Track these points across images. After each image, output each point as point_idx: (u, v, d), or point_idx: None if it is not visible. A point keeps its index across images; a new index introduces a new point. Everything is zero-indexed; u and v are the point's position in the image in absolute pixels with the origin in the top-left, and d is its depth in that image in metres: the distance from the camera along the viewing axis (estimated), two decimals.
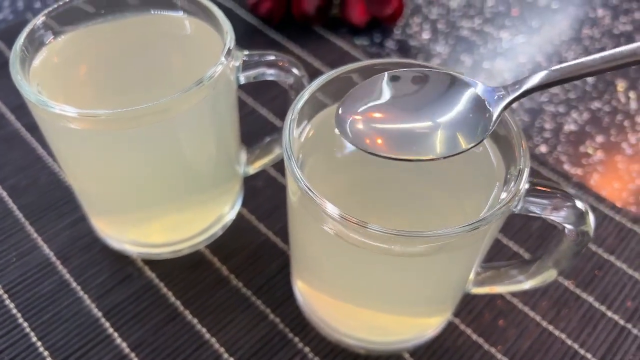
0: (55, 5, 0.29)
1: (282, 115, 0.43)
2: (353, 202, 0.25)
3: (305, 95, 0.26)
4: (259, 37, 0.49)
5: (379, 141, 0.23)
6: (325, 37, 0.50)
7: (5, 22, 0.50)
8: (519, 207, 0.24)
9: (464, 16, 0.53)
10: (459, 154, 0.23)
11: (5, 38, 0.48)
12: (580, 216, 0.24)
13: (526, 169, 0.24)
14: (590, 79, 0.48)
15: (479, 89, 0.24)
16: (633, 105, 0.46)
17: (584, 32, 0.52)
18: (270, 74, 0.30)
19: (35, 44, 0.28)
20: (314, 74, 0.47)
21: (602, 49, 0.51)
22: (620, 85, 0.48)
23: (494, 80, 0.47)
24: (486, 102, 0.24)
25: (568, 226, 0.25)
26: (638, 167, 0.42)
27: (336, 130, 0.23)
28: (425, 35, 0.51)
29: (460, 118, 0.23)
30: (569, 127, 0.44)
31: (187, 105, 0.27)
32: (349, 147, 0.27)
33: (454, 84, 0.24)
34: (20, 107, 0.43)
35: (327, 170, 0.27)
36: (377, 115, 0.24)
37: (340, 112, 0.23)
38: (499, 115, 0.23)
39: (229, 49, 0.28)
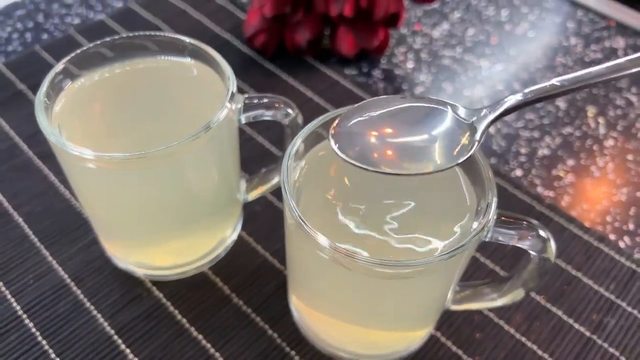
0: (73, 54, 0.32)
1: (277, 143, 0.47)
2: (342, 228, 0.28)
3: (300, 137, 0.29)
4: (254, 68, 0.53)
5: (371, 157, 0.26)
6: (316, 67, 0.53)
7: (14, 53, 0.53)
8: (489, 236, 0.28)
9: (446, 45, 0.57)
10: (445, 169, 0.26)
11: (15, 69, 0.51)
12: (543, 244, 0.28)
13: (493, 203, 0.27)
14: (562, 106, 0.52)
15: (461, 111, 0.27)
16: (602, 130, 0.50)
17: (558, 60, 0.56)
18: (267, 114, 0.33)
19: (55, 89, 0.31)
20: (306, 102, 0.51)
21: None
22: (591, 111, 0.51)
23: (474, 107, 0.51)
24: (471, 122, 0.27)
25: (532, 253, 0.28)
26: (605, 189, 0.45)
27: (333, 145, 0.26)
28: (410, 65, 0.55)
29: (446, 137, 0.26)
30: (543, 151, 0.48)
31: (194, 147, 0.30)
32: (340, 179, 0.30)
33: (438, 109, 0.27)
34: (32, 136, 0.46)
35: (320, 200, 0.30)
36: (368, 134, 0.27)
37: (334, 131, 0.26)
38: (483, 131, 0.26)
39: (232, 93, 0.31)
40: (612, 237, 0.42)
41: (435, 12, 0.61)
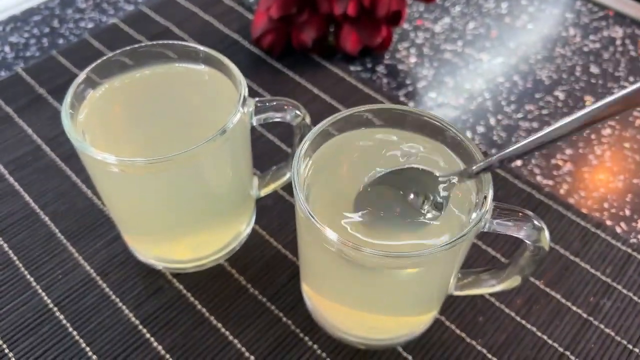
0: (94, 64, 0.35)
1: (286, 139, 0.49)
2: (349, 222, 0.30)
3: (308, 139, 0.31)
4: (263, 66, 0.55)
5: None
6: (322, 64, 0.55)
7: (32, 58, 0.56)
8: (487, 227, 0.30)
9: (447, 40, 0.59)
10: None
11: (35, 74, 0.54)
12: (537, 234, 0.30)
13: (489, 196, 0.29)
14: (561, 96, 0.53)
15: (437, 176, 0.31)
16: None
17: (557, 51, 0.58)
18: (277, 116, 0.35)
19: (78, 99, 0.34)
20: (313, 98, 0.53)
21: (573, 67, 0.56)
22: (589, 100, 0.53)
23: (474, 100, 0.53)
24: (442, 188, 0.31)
25: (527, 242, 0.30)
26: (602, 176, 0.47)
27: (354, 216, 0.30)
28: (412, 59, 0.57)
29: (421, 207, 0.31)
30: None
31: (211, 150, 0.32)
32: (346, 175, 0.32)
33: (430, 176, 0.31)
34: (54, 138, 0.48)
35: (328, 195, 0.32)
36: (373, 208, 0.31)
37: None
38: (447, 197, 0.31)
39: (244, 98, 0.33)
40: (609, 223, 0.44)
41: (437, 6, 0.63)
